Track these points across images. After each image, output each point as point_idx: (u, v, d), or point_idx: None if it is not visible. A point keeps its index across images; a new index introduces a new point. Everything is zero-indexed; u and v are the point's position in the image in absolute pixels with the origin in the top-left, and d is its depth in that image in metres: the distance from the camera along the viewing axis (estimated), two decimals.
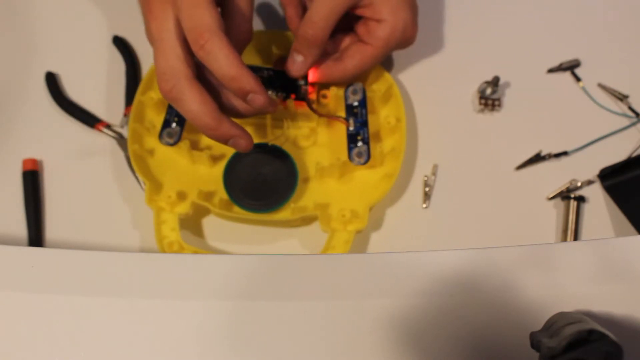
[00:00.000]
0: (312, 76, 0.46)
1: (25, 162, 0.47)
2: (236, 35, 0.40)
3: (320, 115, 0.47)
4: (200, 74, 0.40)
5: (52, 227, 0.46)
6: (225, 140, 0.40)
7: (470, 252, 0.35)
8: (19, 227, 0.46)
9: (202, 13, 0.37)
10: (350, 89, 0.48)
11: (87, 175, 0.47)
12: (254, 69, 0.47)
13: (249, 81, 0.37)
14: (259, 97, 0.38)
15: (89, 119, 0.49)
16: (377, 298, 0.34)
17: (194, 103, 0.38)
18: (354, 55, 0.46)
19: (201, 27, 0.37)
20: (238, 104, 0.41)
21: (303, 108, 0.47)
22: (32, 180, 0.46)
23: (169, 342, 0.33)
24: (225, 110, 0.40)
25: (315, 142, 0.47)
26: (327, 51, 0.47)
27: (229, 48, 0.37)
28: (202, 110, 0.38)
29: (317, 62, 0.46)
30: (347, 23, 0.47)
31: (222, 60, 0.37)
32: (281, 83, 0.47)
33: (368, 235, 0.46)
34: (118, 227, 0.46)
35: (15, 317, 0.34)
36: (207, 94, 0.38)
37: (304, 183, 0.46)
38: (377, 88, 0.48)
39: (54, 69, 0.51)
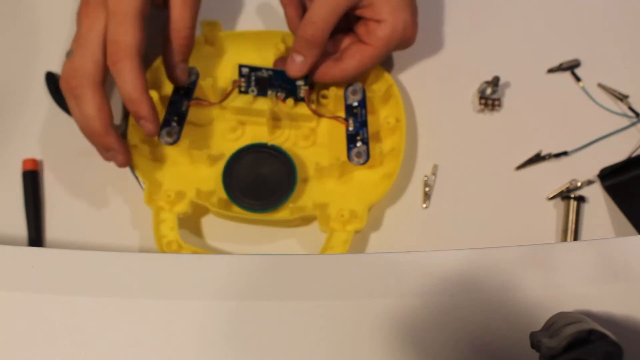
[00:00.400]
0: (312, 76, 0.46)
1: (25, 162, 0.47)
2: (176, 40, 0.43)
3: (319, 115, 0.47)
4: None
5: (52, 227, 0.46)
6: (105, 150, 0.42)
7: (470, 252, 0.35)
8: (19, 227, 0.46)
9: (126, 31, 0.39)
10: (350, 89, 0.48)
11: (87, 175, 0.47)
12: (253, 69, 0.47)
13: (145, 109, 0.40)
14: (150, 126, 0.41)
15: None
16: (377, 298, 0.34)
17: (92, 107, 0.40)
18: (354, 55, 0.46)
19: (119, 45, 0.39)
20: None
21: (302, 108, 0.47)
22: (32, 180, 0.46)
23: (169, 342, 0.33)
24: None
25: (315, 142, 0.47)
26: (327, 51, 0.47)
27: (137, 73, 0.39)
28: (96, 116, 0.40)
29: (317, 62, 0.46)
30: (347, 23, 0.47)
31: (128, 82, 0.39)
32: (281, 83, 0.47)
33: (367, 235, 0.46)
34: (118, 227, 0.46)
35: (15, 317, 0.34)
36: (107, 103, 0.41)
37: (303, 183, 0.46)
38: (376, 88, 0.48)
39: (54, 69, 0.51)
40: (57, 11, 0.53)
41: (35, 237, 0.45)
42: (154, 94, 0.47)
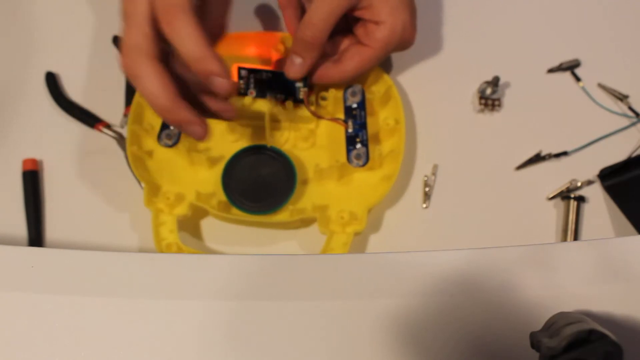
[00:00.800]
0: (312, 78, 0.46)
1: (25, 162, 0.47)
2: (210, 29, 0.40)
3: (318, 117, 0.47)
4: (168, 63, 0.39)
5: (52, 227, 0.46)
6: (179, 125, 0.39)
7: (470, 252, 0.35)
8: (19, 227, 0.46)
9: None
10: (349, 90, 0.47)
11: (87, 175, 0.47)
12: (252, 71, 0.47)
13: (215, 63, 0.37)
14: (224, 81, 0.37)
15: (89, 119, 0.49)
16: (377, 298, 0.34)
17: (153, 82, 0.37)
18: (353, 57, 0.45)
19: (171, 3, 0.36)
20: (204, 100, 0.40)
21: (302, 110, 0.47)
22: (32, 180, 0.46)
23: (169, 342, 0.33)
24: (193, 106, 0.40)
25: (314, 143, 0.47)
26: (326, 53, 0.47)
27: (197, 27, 0.36)
28: (159, 91, 0.37)
29: (316, 63, 0.46)
30: (346, 25, 0.47)
31: (188, 38, 0.36)
32: (280, 85, 0.47)
33: (368, 236, 0.46)
34: (118, 227, 0.46)
35: (15, 317, 0.34)
36: (169, 76, 0.37)
37: (302, 185, 0.46)
38: (376, 90, 0.48)
39: (54, 69, 0.51)
40: (57, 11, 0.54)
41: (35, 237, 0.45)
42: None
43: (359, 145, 0.46)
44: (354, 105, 0.47)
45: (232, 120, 0.44)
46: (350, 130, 0.46)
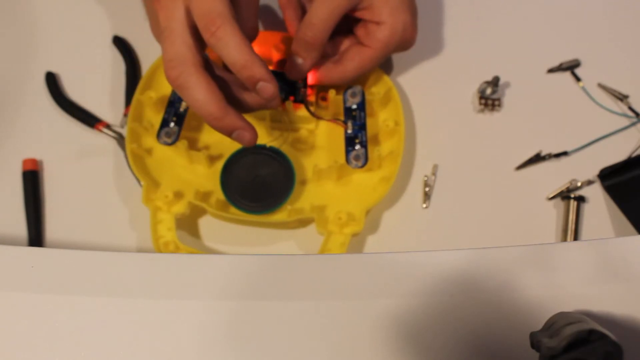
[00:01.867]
0: (312, 78, 0.46)
1: (25, 162, 0.47)
2: (245, 32, 0.39)
3: (317, 118, 0.47)
4: (208, 68, 0.39)
5: (52, 227, 0.46)
6: (229, 132, 0.39)
7: (470, 252, 0.35)
8: (19, 227, 0.46)
9: (214, 0, 0.36)
10: (349, 91, 0.47)
11: (87, 175, 0.47)
12: None
13: (259, 69, 0.37)
14: (269, 86, 0.38)
15: (89, 119, 0.49)
16: (377, 298, 0.34)
17: (201, 91, 0.37)
18: (353, 57, 0.45)
19: (213, 13, 0.36)
20: (245, 97, 0.40)
21: (301, 110, 0.47)
22: (32, 180, 0.46)
23: (169, 342, 0.33)
24: (232, 104, 0.40)
25: (314, 144, 0.47)
26: (326, 53, 0.47)
27: (240, 35, 0.36)
28: (208, 99, 0.37)
29: (317, 64, 0.46)
30: (347, 25, 0.47)
31: (233, 47, 0.36)
32: (280, 85, 0.46)
33: (367, 235, 0.46)
34: (118, 227, 0.46)
35: (15, 317, 0.34)
36: (214, 83, 0.38)
37: (301, 185, 0.46)
38: (376, 91, 0.48)
39: (54, 69, 0.51)
40: (57, 11, 0.54)
41: (35, 237, 0.45)
42: (152, 94, 0.47)
43: (358, 147, 0.46)
44: (354, 106, 0.47)
45: (279, 108, 0.43)
46: (349, 131, 0.46)
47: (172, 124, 0.46)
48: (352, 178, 0.46)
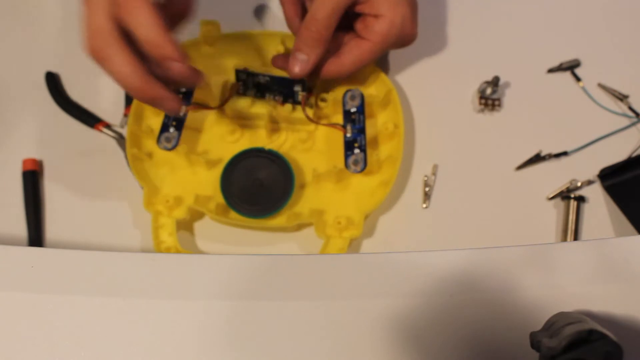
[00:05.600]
0: (311, 78, 0.46)
1: (25, 162, 0.47)
2: (174, 12, 0.40)
3: (315, 123, 0.46)
4: (129, 41, 0.39)
5: (52, 227, 0.46)
6: (153, 102, 0.39)
7: (470, 252, 0.35)
8: (19, 227, 0.46)
9: None
10: (349, 94, 0.47)
11: (87, 175, 0.47)
12: (250, 75, 0.46)
13: (169, 48, 0.37)
14: (179, 65, 0.37)
15: (89, 119, 0.49)
16: (377, 298, 0.34)
17: (123, 64, 0.37)
18: (352, 50, 0.45)
19: None
20: (161, 72, 0.40)
21: (300, 112, 0.46)
22: (32, 180, 0.46)
23: (169, 342, 0.33)
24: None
25: (313, 147, 0.47)
26: (327, 49, 0.47)
27: (152, 13, 0.36)
28: (130, 70, 0.37)
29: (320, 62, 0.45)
30: (347, 21, 0.46)
31: (144, 23, 0.36)
32: (278, 88, 0.46)
33: (367, 235, 0.46)
34: (118, 227, 0.46)
35: (15, 317, 0.34)
36: (137, 55, 0.37)
37: (300, 189, 0.45)
38: (376, 93, 0.48)
39: (54, 69, 0.51)
40: (57, 11, 0.53)
41: (35, 237, 0.45)
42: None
43: (357, 151, 0.45)
44: (353, 110, 0.46)
45: (200, 86, 0.42)
46: (348, 135, 0.46)
47: (171, 129, 0.45)
48: (351, 182, 0.46)
